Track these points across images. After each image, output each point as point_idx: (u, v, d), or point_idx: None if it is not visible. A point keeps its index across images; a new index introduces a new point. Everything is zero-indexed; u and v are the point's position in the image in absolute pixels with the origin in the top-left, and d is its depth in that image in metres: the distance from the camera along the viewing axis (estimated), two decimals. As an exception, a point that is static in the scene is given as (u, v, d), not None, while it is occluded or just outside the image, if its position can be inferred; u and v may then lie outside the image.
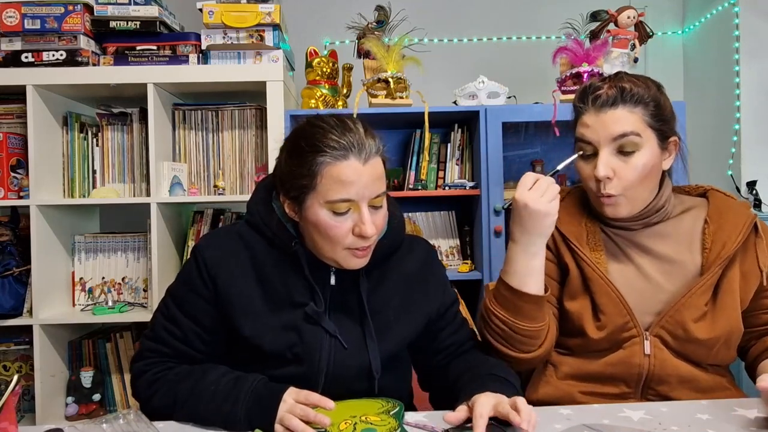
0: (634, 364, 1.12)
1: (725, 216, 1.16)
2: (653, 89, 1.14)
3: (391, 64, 2.03)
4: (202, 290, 1.04)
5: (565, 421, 0.97)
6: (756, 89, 2.23)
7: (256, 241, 1.06)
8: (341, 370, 1.04)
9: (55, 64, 1.91)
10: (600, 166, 1.10)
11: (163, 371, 1.05)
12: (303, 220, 1.01)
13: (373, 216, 0.98)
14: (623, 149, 1.10)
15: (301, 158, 0.97)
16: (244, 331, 1.02)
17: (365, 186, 0.96)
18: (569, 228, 1.21)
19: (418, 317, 1.11)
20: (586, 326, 1.15)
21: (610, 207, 1.14)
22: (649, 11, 2.22)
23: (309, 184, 0.97)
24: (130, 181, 2.11)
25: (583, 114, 1.14)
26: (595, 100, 1.12)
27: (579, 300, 1.18)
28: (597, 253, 1.18)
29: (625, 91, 1.11)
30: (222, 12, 1.92)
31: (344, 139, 0.96)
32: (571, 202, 1.26)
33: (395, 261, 1.12)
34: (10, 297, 1.90)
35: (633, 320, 1.12)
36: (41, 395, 1.92)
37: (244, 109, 2.11)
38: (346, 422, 0.93)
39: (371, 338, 1.05)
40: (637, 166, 1.10)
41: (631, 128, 1.09)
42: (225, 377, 0.99)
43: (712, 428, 0.93)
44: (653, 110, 1.11)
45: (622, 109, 1.10)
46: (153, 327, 1.09)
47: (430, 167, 2.20)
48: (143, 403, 1.06)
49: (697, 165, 2.29)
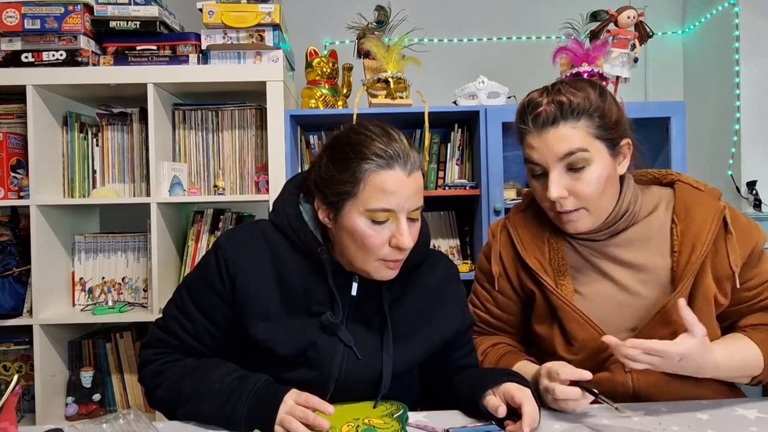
0: (618, 381, 1.09)
1: (692, 213, 1.11)
2: (594, 97, 1.07)
3: (391, 64, 2.03)
4: (219, 288, 1.03)
5: (565, 422, 0.97)
6: (756, 89, 2.23)
7: (280, 243, 1.05)
8: (351, 379, 1.03)
9: (55, 64, 1.91)
10: (552, 187, 1.06)
11: (170, 363, 1.05)
12: (337, 227, 1.00)
13: (410, 228, 0.98)
14: (573, 166, 1.05)
15: (345, 164, 0.96)
16: (257, 335, 1.01)
17: (407, 198, 0.96)
18: (531, 252, 1.16)
19: (435, 337, 1.10)
20: (559, 350, 1.13)
21: (570, 223, 1.10)
22: (649, 11, 2.22)
23: (350, 190, 0.95)
24: (130, 181, 2.11)
25: (526, 134, 1.09)
26: (535, 119, 1.07)
27: (548, 325, 1.16)
28: (562, 276, 1.14)
29: (564, 106, 1.05)
30: (222, 12, 1.92)
31: (390, 149, 0.95)
32: (533, 213, 1.21)
33: (417, 276, 1.11)
34: (10, 297, 1.90)
35: None
36: (41, 395, 1.91)
37: (244, 109, 2.11)
38: (348, 424, 0.93)
39: (388, 353, 1.04)
40: (590, 181, 1.05)
41: (577, 145, 1.04)
42: (230, 375, 0.99)
43: (712, 428, 0.93)
44: (598, 120, 1.06)
45: (564, 126, 1.05)
46: (165, 316, 1.08)
47: (430, 167, 2.20)
48: (148, 392, 1.06)
49: (697, 165, 2.29)
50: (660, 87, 2.58)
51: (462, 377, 1.09)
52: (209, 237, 2.11)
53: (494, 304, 1.24)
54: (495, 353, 1.19)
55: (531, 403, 0.92)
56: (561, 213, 1.09)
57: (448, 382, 1.12)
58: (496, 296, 1.23)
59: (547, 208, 1.12)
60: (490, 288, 1.24)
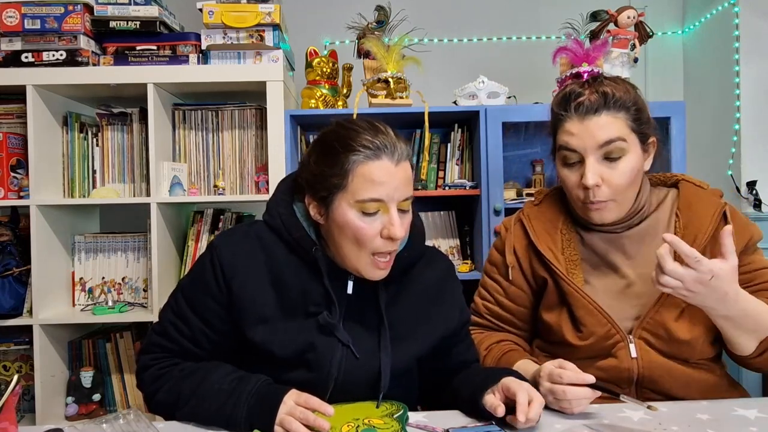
0: (624, 368, 1.12)
1: (694, 207, 1.16)
2: (633, 92, 1.13)
3: (391, 64, 2.03)
4: (215, 291, 1.03)
5: (565, 421, 0.97)
6: (756, 89, 2.23)
7: (275, 244, 1.05)
8: (350, 379, 1.03)
9: (55, 64, 1.91)
10: (588, 174, 1.09)
11: (169, 367, 1.05)
12: (329, 222, 1.00)
13: (401, 219, 0.98)
14: (610, 155, 1.09)
15: (333, 157, 0.97)
16: (255, 337, 1.01)
17: (396, 188, 0.97)
18: (544, 240, 1.20)
19: (433, 334, 1.10)
20: (567, 336, 1.15)
21: (597, 212, 1.13)
22: (649, 11, 2.22)
23: (340, 183, 0.96)
24: (130, 181, 2.10)
25: (565, 121, 1.13)
26: (578, 107, 1.10)
27: (557, 312, 1.18)
28: (574, 264, 1.17)
29: (608, 97, 1.09)
30: (222, 12, 1.92)
31: (377, 140, 0.96)
32: (547, 207, 1.25)
33: (414, 274, 1.11)
34: (10, 297, 1.90)
35: (615, 327, 1.12)
36: (41, 395, 1.91)
37: (244, 109, 2.11)
38: (349, 425, 0.92)
39: (386, 352, 1.04)
40: (625, 172, 1.09)
41: (616, 134, 1.09)
42: (229, 376, 0.99)
43: (712, 428, 0.93)
44: (635, 114, 1.11)
45: (606, 115, 1.09)
46: (161, 321, 1.08)
47: (430, 167, 2.20)
48: (148, 397, 1.06)
49: (697, 165, 2.29)
50: (660, 87, 2.58)
51: (462, 377, 1.09)
52: (209, 237, 2.11)
53: (505, 295, 1.26)
54: (498, 350, 1.20)
55: (525, 393, 0.92)
56: (590, 203, 1.12)
57: (448, 380, 1.12)
58: (507, 288, 1.25)
59: (578, 197, 1.14)
60: (501, 280, 1.26)
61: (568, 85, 1.16)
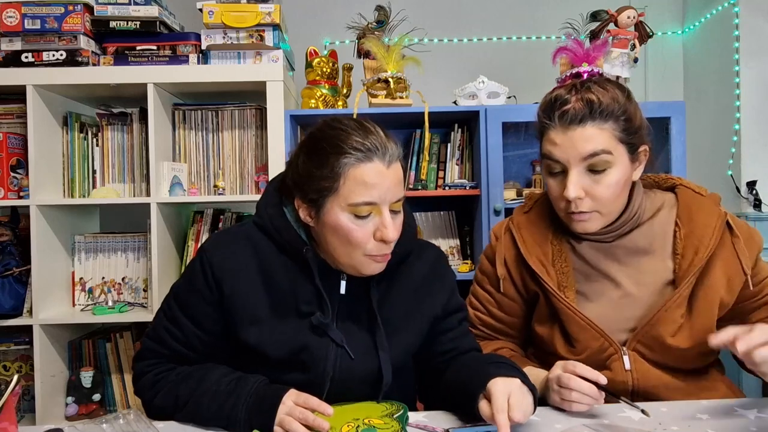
0: (618, 380, 1.10)
1: (696, 217, 1.11)
2: (622, 99, 1.06)
3: (391, 64, 2.03)
4: (207, 293, 1.03)
5: (565, 421, 0.97)
6: (756, 89, 2.23)
7: (265, 245, 1.04)
8: (347, 378, 1.03)
9: (55, 64, 1.91)
10: (570, 187, 1.05)
11: (165, 372, 1.04)
12: (320, 225, 0.99)
13: (394, 221, 0.97)
14: (594, 168, 1.04)
15: (323, 160, 0.95)
16: (248, 339, 1.01)
17: (388, 189, 0.95)
18: (534, 253, 1.16)
19: (423, 321, 1.09)
20: (560, 350, 1.13)
21: (580, 224, 1.09)
22: (649, 11, 2.22)
23: (331, 186, 0.95)
24: (130, 181, 2.10)
25: (550, 130, 1.07)
26: (562, 116, 1.05)
27: (549, 326, 1.16)
28: (565, 276, 1.14)
29: (594, 105, 1.03)
30: (222, 12, 1.92)
31: (368, 141, 0.94)
32: (537, 214, 1.21)
33: (404, 268, 1.10)
34: (10, 297, 1.90)
35: (608, 340, 1.10)
36: (41, 395, 1.91)
37: (244, 109, 2.11)
38: (348, 425, 0.92)
39: (383, 349, 1.03)
40: (609, 185, 1.05)
41: (602, 146, 1.03)
42: (226, 378, 0.99)
43: (712, 428, 0.93)
44: (624, 123, 1.05)
45: (592, 126, 1.03)
46: (155, 327, 1.08)
47: (430, 167, 2.19)
48: (146, 404, 1.06)
49: (697, 165, 2.29)
50: (660, 87, 2.58)
51: (449, 378, 1.06)
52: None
53: (497, 306, 1.23)
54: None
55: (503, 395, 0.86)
56: (573, 213, 1.08)
57: (443, 371, 1.09)
58: (499, 299, 1.22)
59: (560, 207, 1.12)
60: (492, 291, 1.23)
61: (555, 89, 1.11)
